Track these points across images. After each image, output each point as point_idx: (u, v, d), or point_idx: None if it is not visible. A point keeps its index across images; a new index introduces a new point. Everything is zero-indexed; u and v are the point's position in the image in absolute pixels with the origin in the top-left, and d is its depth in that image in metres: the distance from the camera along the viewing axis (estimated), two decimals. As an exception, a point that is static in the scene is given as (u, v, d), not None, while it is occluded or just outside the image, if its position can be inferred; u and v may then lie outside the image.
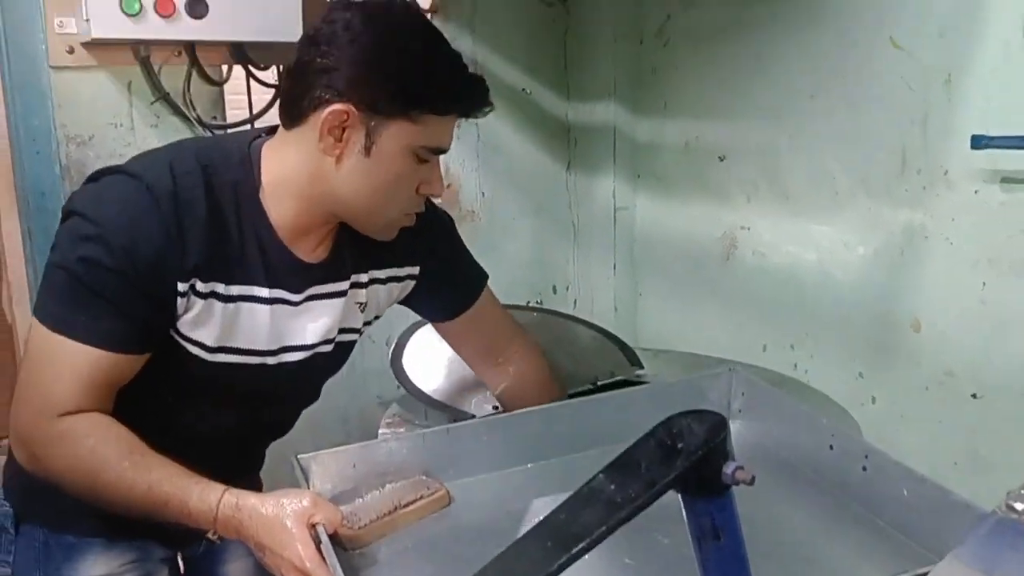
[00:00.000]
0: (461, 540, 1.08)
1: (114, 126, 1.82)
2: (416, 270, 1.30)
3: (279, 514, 0.99)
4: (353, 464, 1.17)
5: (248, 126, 2.10)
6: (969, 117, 1.50)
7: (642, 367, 1.78)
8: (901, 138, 1.62)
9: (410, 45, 1.05)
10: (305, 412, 2.09)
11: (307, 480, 1.13)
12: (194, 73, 1.86)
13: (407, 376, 1.65)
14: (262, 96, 2.09)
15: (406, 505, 1.11)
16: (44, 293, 1.05)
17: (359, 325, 1.27)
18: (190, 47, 1.83)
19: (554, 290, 2.45)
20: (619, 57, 2.22)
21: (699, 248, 2.11)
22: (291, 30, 1.80)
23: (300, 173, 1.09)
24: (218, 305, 1.09)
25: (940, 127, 1.55)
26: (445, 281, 1.36)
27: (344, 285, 1.20)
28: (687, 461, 0.59)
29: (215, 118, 1.93)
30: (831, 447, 1.13)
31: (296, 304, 1.15)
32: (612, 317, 2.34)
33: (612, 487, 0.59)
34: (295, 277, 1.14)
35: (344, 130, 1.05)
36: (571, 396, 1.71)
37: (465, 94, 1.08)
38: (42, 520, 1.23)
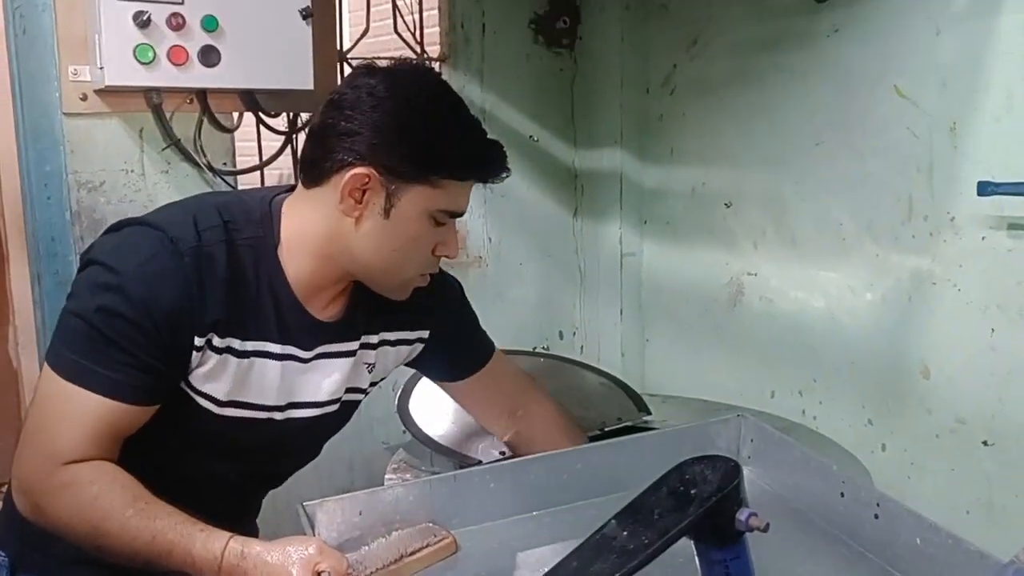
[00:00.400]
0: None
1: (125, 172, 1.83)
2: (426, 334, 1.31)
3: (285, 562, 0.98)
4: (359, 512, 1.16)
5: (257, 172, 2.12)
6: (974, 164, 1.51)
7: (650, 413, 1.77)
8: (907, 185, 1.63)
9: (432, 112, 1.08)
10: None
11: (312, 528, 1.11)
12: (205, 120, 1.88)
13: (413, 421, 1.64)
14: (271, 143, 2.11)
15: (412, 553, 1.09)
16: (58, 340, 1.05)
17: (365, 385, 1.28)
18: (202, 94, 1.85)
19: (561, 335, 2.44)
20: (626, 105, 2.25)
21: (706, 294, 2.11)
22: (301, 78, 1.82)
23: (319, 231, 1.11)
24: (232, 360, 1.10)
25: (946, 174, 1.56)
26: (454, 344, 1.37)
27: (354, 345, 1.21)
28: (700, 508, 0.59)
29: (225, 164, 1.95)
30: (842, 494, 1.12)
31: (306, 361, 1.16)
32: (619, 363, 2.33)
33: (625, 534, 0.59)
34: (307, 334, 1.15)
35: (365, 192, 1.06)
36: (578, 442, 1.70)
37: (484, 160, 1.11)
38: (39, 570, 1.21)
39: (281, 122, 2.08)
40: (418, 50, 2.26)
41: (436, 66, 2.26)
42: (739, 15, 1.95)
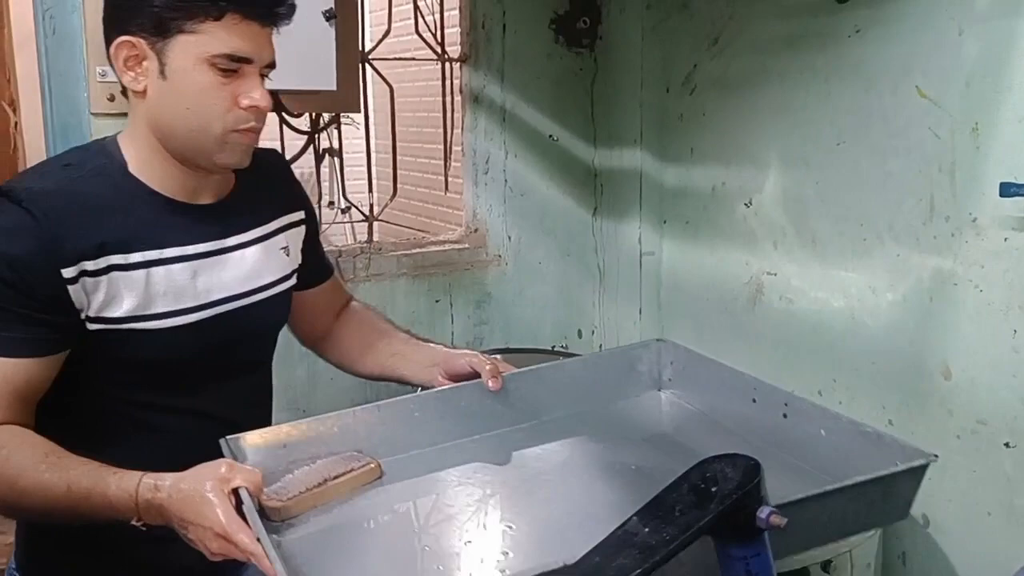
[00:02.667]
0: (392, 511, 1.09)
1: (151, 171, 1.86)
2: (302, 214, 1.35)
3: (198, 486, 0.97)
4: (283, 444, 1.16)
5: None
6: (997, 165, 1.51)
7: (669, 412, 1.78)
8: (929, 185, 1.62)
9: None
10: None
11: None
12: (230, 120, 1.91)
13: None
14: (294, 142, 2.13)
15: (335, 477, 1.10)
16: None
17: (288, 271, 1.30)
18: (227, 95, 1.87)
19: (579, 334, 2.45)
20: (646, 104, 2.25)
21: (726, 293, 2.11)
22: (325, 79, 1.84)
23: (139, 130, 1.14)
24: (121, 277, 1.11)
25: (968, 175, 1.56)
26: (314, 232, 1.39)
27: (258, 232, 1.24)
28: (721, 505, 0.60)
29: (249, 163, 1.96)
30: (754, 400, 1.21)
31: (210, 255, 1.18)
32: (638, 362, 2.33)
33: (646, 530, 0.60)
34: (202, 230, 1.18)
35: (139, 61, 1.09)
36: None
37: None
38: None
39: (304, 122, 2.10)
40: (439, 50, 2.28)
41: (457, 66, 2.28)
42: (760, 14, 1.95)
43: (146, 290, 1.12)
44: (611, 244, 2.40)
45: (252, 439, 1.15)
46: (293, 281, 1.31)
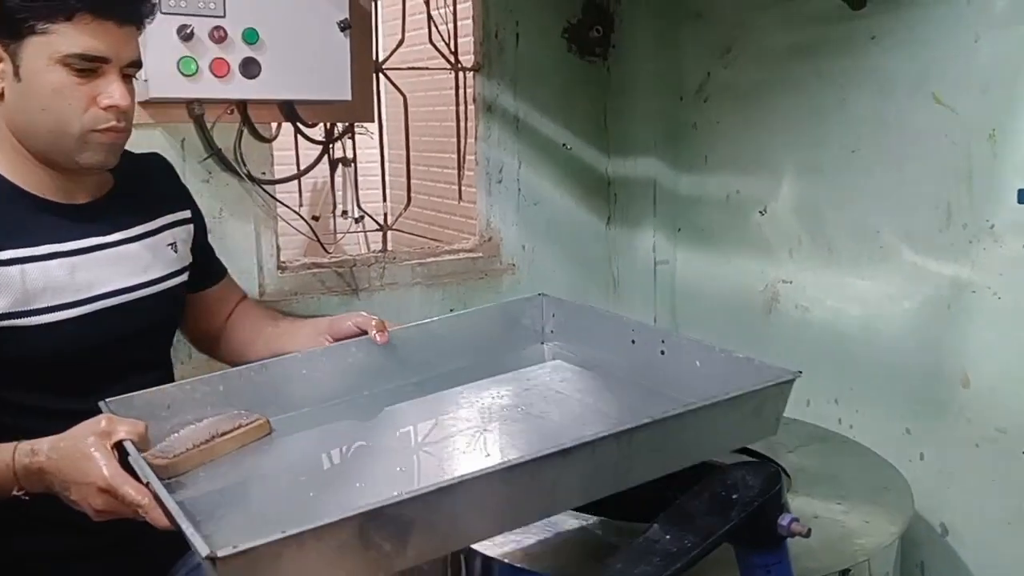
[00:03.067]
0: (281, 467, 1.09)
1: (168, 181, 1.87)
2: (188, 213, 1.38)
3: (77, 443, 0.95)
4: (167, 405, 1.13)
5: (295, 181, 2.15)
6: (1015, 172, 1.50)
7: (685, 421, 1.77)
8: (945, 193, 1.61)
9: None
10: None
11: None
12: (245, 130, 1.92)
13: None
14: (309, 152, 2.14)
15: (223, 434, 1.09)
16: None
17: (175, 268, 1.31)
18: (242, 105, 1.89)
19: (594, 343, 2.45)
20: (659, 113, 2.25)
21: (740, 302, 2.10)
22: (339, 89, 1.85)
23: (1, 132, 1.15)
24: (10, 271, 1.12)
25: (985, 182, 1.55)
26: (203, 231, 1.44)
27: (141, 229, 1.27)
28: (742, 513, 0.59)
29: (264, 173, 1.98)
30: (633, 341, 1.24)
31: (88, 252, 1.20)
32: (652, 370, 2.33)
33: (667, 537, 0.59)
34: (77, 230, 1.19)
35: None
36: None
37: None
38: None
39: (318, 132, 2.11)
40: (452, 59, 2.29)
41: (470, 75, 2.29)
42: (774, 22, 1.95)
43: (22, 287, 1.12)
44: (625, 253, 2.40)
45: (135, 400, 1.11)
46: (184, 278, 1.34)
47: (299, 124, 2.00)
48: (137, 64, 1.18)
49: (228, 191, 1.93)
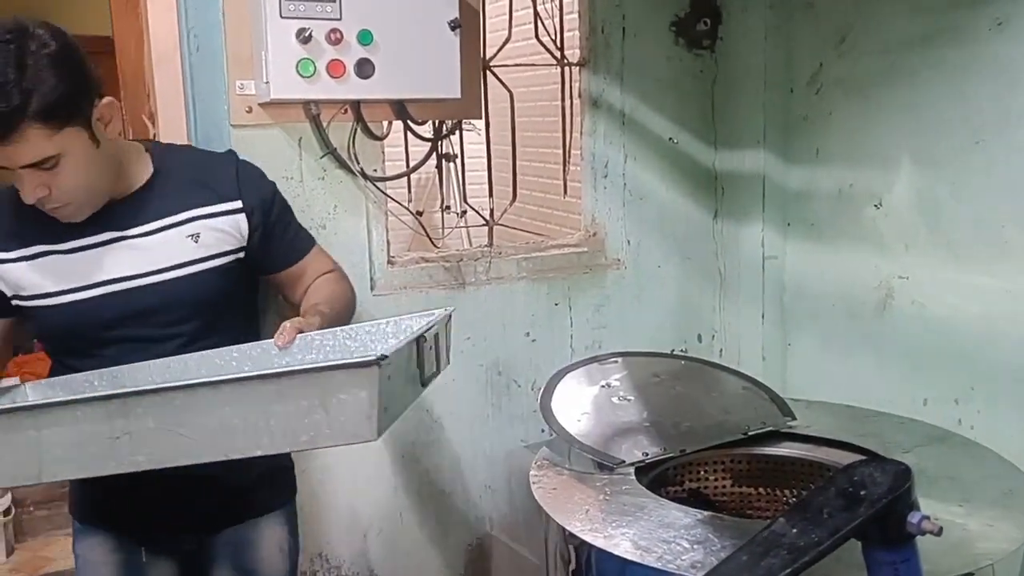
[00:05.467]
0: None
1: (285, 179, 1.94)
2: (238, 203, 1.54)
3: None
4: None
5: (405, 179, 2.21)
6: None
7: (794, 417, 1.75)
8: (1077, 185, 1.54)
9: None
10: (450, 453, 2.17)
11: None
12: (358, 129, 1.98)
13: (556, 419, 1.68)
14: (416, 149, 2.19)
15: None
16: None
17: (195, 256, 1.49)
18: (356, 105, 1.95)
19: (699, 338, 2.43)
20: (769, 105, 2.21)
21: (853, 298, 2.05)
22: (449, 87, 1.89)
23: None
24: (26, 265, 1.43)
25: (1122, 173, 1.47)
26: (262, 226, 1.58)
27: (159, 223, 1.48)
28: (871, 509, 0.59)
29: (376, 171, 2.03)
30: None
31: (105, 244, 1.45)
32: (760, 367, 2.29)
33: (794, 531, 0.60)
34: (97, 227, 1.44)
35: None
36: (720, 447, 1.70)
37: None
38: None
39: (427, 129, 2.16)
40: (558, 55, 2.30)
41: (576, 71, 2.29)
42: (891, 11, 1.89)
43: (45, 275, 1.43)
44: (732, 248, 2.37)
45: None
46: (210, 264, 1.50)
47: (409, 122, 2.05)
48: (37, 164, 1.31)
49: (342, 188, 2.00)
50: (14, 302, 1.46)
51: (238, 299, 1.58)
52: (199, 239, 1.49)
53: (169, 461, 1.04)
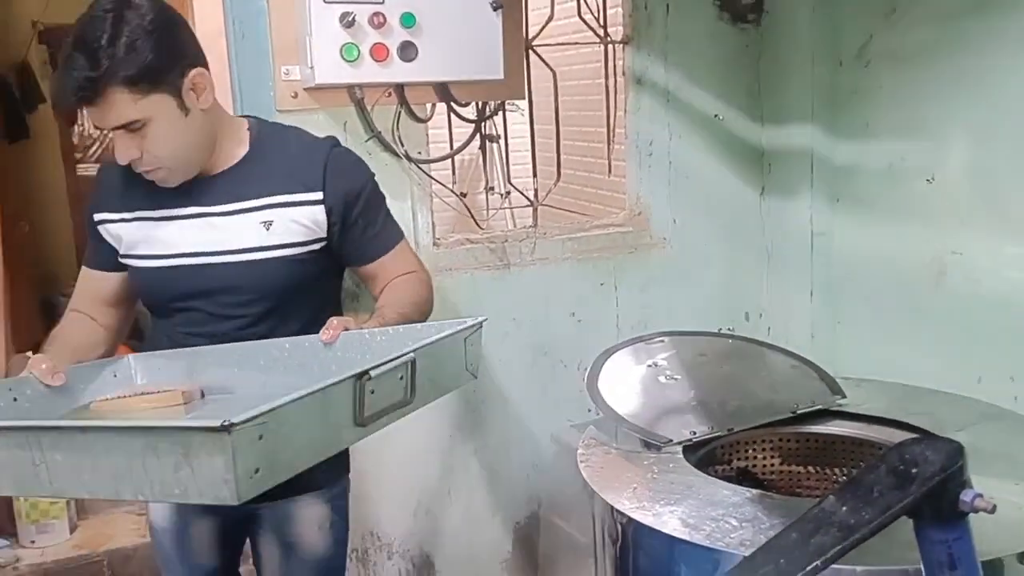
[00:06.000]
0: None
1: (331, 163, 1.96)
2: (319, 195, 1.52)
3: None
4: (114, 374, 1.53)
5: (449, 160, 2.22)
6: None
7: (844, 396, 1.73)
8: None
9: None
10: (498, 433, 2.18)
11: None
12: (402, 112, 1.99)
13: (603, 399, 1.68)
14: (462, 131, 2.20)
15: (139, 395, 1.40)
16: None
17: (267, 243, 1.51)
18: (400, 88, 1.96)
19: (746, 317, 2.41)
20: (817, 80, 2.17)
21: (905, 274, 2.02)
22: (492, 68, 1.89)
23: None
24: (125, 226, 1.55)
25: None
26: (343, 223, 1.56)
27: (235, 206, 1.51)
28: (923, 487, 0.58)
29: (420, 153, 2.05)
30: None
31: (188, 218, 1.52)
32: (808, 345, 2.27)
33: (844, 510, 0.59)
34: (185, 200, 1.52)
35: None
36: (768, 426, 1.69)
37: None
38: None
39: (470, 111, 2.16)
40: (601, 33, 2.28)
41: (619, 49, 2.28)
42: (944, -22, 1.85)
43: (139, 238, 1.54)
44: (779, 225, 2.34)
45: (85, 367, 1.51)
46: (279, 253, 1.51)
47: (453, 104, 2.05)
48: (125, 126, 1.40)
49: (387, 171, 2.01)
50: (121, 259, 1.57)
51: (312, 287, 1.57)
52: (271, 227, 1.51)
53: (79, 493, 1.18)
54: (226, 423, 0.91)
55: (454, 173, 2.40)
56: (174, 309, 1.56)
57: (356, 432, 1.17)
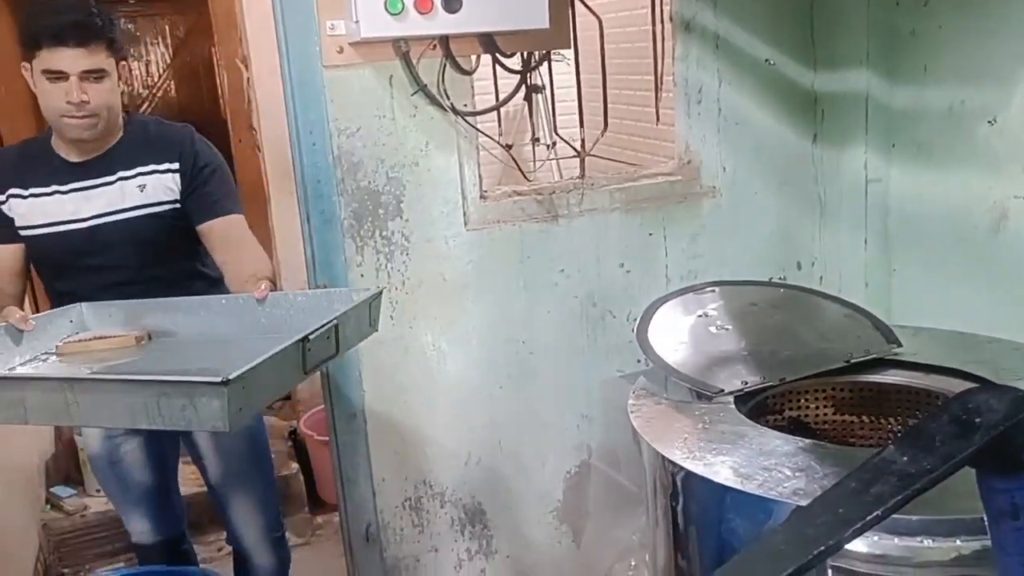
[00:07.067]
0: None
1: (378, 118, 1.97)
2: (176, 165, 1.94)
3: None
4: (70, 320, 1.85)
5: (495, 112, 2.20)
6: None
7: (900, 344, 1.71)
8: None
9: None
10: (547, 383, 2.19)
11: None
12: (447, 64, 1.98)
13: (652, 349, 1.68)
14: (507, 82, 2.18)
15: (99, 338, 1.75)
16: None
17: (141, 202, 1.91)
18: (444, 40, 1.94)
19: (799, 266, 2.37)
20: (873, 21, 2.10)
21: (964, 220, 1.97)
22: (537, 18, 1.86)
23: None
24: (19, 202, 1.90)
25: None
26: (199, 183, 1.95)
27: (115, 176, 1.91)
28: (987, 436, 0.57)
29: (466, 105, 2.03)
30: None
31: (78, 191, 1.90)
32: (863, 294, 2.23)
33: (904, 459, 0.59)
34: (74, 177, 1.90)
35: (29, 76, 1.82)
36: (821, 375, 1.67)
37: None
38: None
39: (515, 62, 2.14)
40: (648, -21, 2.24)
41: (667, -6, 2.22)
42: (1008, -89, 1.77)
43: (37, 211, 1.89)
44: (832, 172, 2.29)
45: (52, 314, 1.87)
46: (151, 211, 1.92)
47: (498, 55, 2.03)
48: (95, 72, 1.78)
49: (433, 124, 2.01)
50: (20, 231, 1.90)
51: (175, 242, 1.97)
52: (145, 189, 1.92)
53: (101, 424, 1.86)
54: (224, 378, 1.23)
55: (500, 125, 2.39)
56: (71, 267, 1.92)
57: (300, 377, 1.51)
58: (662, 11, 2.25)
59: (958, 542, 1.02)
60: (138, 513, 2.14)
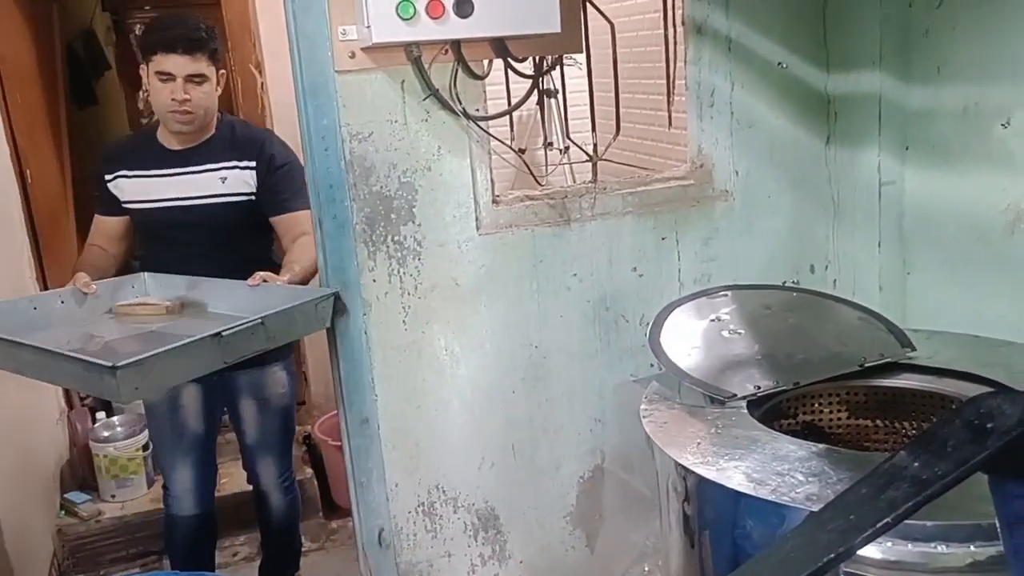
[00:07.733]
0: None
1: (390, 122, 1.97)
2: (253, 163, 2.37)
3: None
4: (132, 285, 2.35)
5: (507, 117, 2.20)
6: None
7: (914, 348, 1.70)
8: None
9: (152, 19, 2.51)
10: (560, 387, 2.19)
11: None
12: (459, 69, 1.98)
13: (665, 354, 1.67)
14: (519, 87, 2.18)
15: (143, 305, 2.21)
16: None
17: (222, 192, 2.36)
18: (456, 45, 1.94)
19: (812, 269, 2.36)
20: (886, 21, 2.09)
21: (979, 222, 1.95)
22: (549, 22, 1.86)
23: None
24: (126, 181, 2.40)
25: None
26: (273, 180, 2.39)
27: (204, 167, 2.36)
28: (1000, 441, 0.57)
29: (478, 110, 2.03)
30: None
31: (172, 176, 2.37)
32: (877, 297, 2.22)
33: (916, 464, 0.58)
34: (170, 164, 2.37)
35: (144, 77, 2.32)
36: (835, 379, 1.67)
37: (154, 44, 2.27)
38: None
39: (527, 66, 2.14)
40: (660, -18, 2.23)
41: (679, -3, 2.22)
42: (1022, -90, 1.76)
43: (139, 190, 2.37)
44: (846, 174, 2.28)
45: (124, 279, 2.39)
46: (229, 200, 2.35)
47: (510, 59, 2.03)
48: (197, 76, 2.26)
49: (445, 129, 2.01)
50: (124, 205, 2.39)
51: (248, 228, 2.41)
52: (225, 181, 2.34)
53: (28, 375, 1.95)
54: (114, 364, 1.58)
55: (512, 129, 2.39)
56: (162, 237, 2.38)
57: (220, 364, 1.82)
58: (674, 15, 2.25)
59: (973, 548, 1.01)
60: (185, 463, 2.50)
